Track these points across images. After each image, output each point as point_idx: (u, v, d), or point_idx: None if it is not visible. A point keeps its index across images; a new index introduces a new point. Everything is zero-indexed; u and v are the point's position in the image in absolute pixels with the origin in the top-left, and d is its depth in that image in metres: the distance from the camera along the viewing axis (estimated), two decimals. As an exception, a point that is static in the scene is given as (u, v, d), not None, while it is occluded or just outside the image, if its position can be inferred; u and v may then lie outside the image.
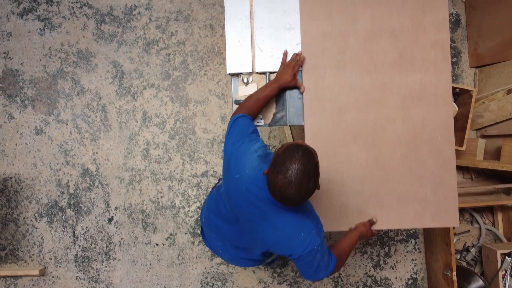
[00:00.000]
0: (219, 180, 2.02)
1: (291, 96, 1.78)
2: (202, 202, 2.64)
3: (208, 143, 2.65)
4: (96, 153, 2.64)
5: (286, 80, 1.68)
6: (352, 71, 1.75)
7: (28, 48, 2.66)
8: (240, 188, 1.45)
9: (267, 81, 1.78)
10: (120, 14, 2.66)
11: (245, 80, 1.80)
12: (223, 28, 2.65)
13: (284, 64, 1.73)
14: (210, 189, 2.62)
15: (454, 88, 2.36)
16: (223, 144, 2.64)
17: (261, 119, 1.79)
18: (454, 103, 2.36)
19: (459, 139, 2.32)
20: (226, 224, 1.65)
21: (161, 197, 2.64)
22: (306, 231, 1.41)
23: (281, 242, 1.44)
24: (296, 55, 1.73)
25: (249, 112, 1.63)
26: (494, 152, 2.47)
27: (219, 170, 2.65)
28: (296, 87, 1.74)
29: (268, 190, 1.33)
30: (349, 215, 1.75)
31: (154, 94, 2.65)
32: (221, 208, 1.65)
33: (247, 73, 1.80)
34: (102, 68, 2.66)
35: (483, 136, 2.53)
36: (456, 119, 2.39)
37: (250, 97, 1.68)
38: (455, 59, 2.63)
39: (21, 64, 2.66)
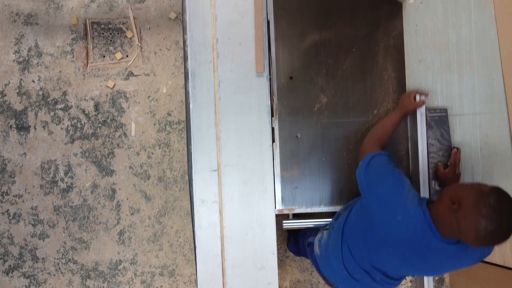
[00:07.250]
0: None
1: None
2: None
3: None
4: None
5: (404, 105, 1.71)
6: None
7: (15, 305, 2.67)
8: (405, 230, 1.33)
9: None
10: (105, 269, 2.66)
11: None
12: None
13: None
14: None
15: None
16: None
17: None
18: None
19: None
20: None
21: None
22: None
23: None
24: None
25: (381, 143, 1.59)
26: None
27: None
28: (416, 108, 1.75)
29: (460, 233, 1.24)
30: None
31: None
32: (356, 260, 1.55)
33: None
34: (88, 323, 2.67)
35: None
36: None
37: (376, 128, 1.66)
38: (441, 317, 2.63)
39: (8, 321, 2.67)
